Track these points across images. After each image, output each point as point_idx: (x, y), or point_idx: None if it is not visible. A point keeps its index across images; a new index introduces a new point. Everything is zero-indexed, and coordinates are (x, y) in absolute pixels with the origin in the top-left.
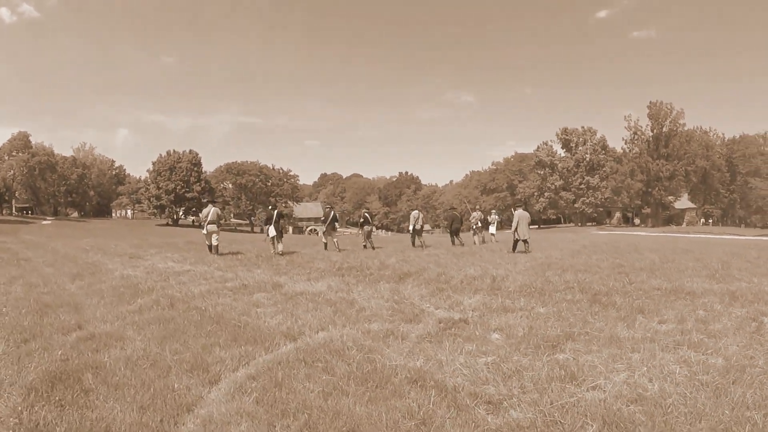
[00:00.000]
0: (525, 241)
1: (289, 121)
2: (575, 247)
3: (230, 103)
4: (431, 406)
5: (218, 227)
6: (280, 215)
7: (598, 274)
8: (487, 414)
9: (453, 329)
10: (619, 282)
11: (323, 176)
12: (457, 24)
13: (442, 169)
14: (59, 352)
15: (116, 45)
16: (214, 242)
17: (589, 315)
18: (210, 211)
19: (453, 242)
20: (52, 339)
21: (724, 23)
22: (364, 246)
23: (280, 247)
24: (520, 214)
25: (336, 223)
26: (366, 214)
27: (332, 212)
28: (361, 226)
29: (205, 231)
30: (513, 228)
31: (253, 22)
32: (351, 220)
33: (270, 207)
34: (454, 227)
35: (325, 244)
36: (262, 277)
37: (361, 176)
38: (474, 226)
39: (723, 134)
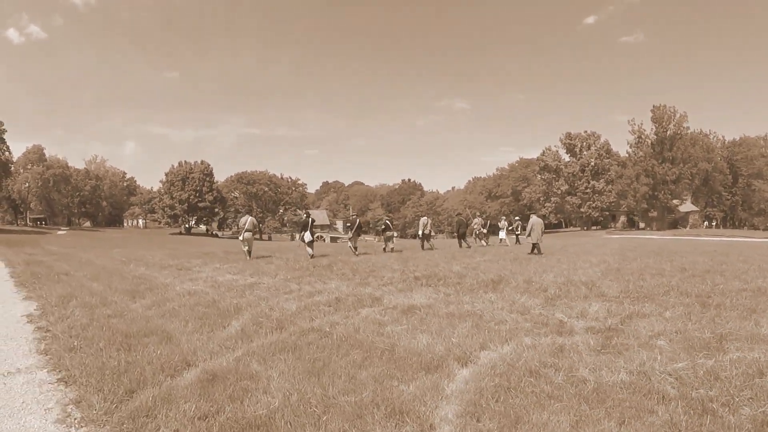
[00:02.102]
0: (536, 245)
1: (288, 131)
2: (612, 251)
3: (232, 115)
4: (684, 416)
5: (253, 235)
6: (314, 221)
7: (675, 277)
8: (729, 414)
9: (614, 339)
10: (704, 285)
11: (325, 184)
12: (448, 33)
13: (440, 175)
14: (191, 407)
15: (121, 62)
16: (245, 248)
17: (715, 316)
18: (247, 220)
19: (460, 245)
20: (164, 385)
21: (713, 24)
22: (384, 249)
23: (309, 250)
24: (534, 221)
25: (360, 230)
26: (387, 221)
27: (357, 220)
28: (383, 231)
29: (242, 238)
30: (527, 233)
31: (252, 37)
32: (346, 227)
33: (305, 215)
34: (461, 231)
35: (354, 248)
36: (346, 288)
37: (363, 184)
38: (476, 231)
39: (723, 137)
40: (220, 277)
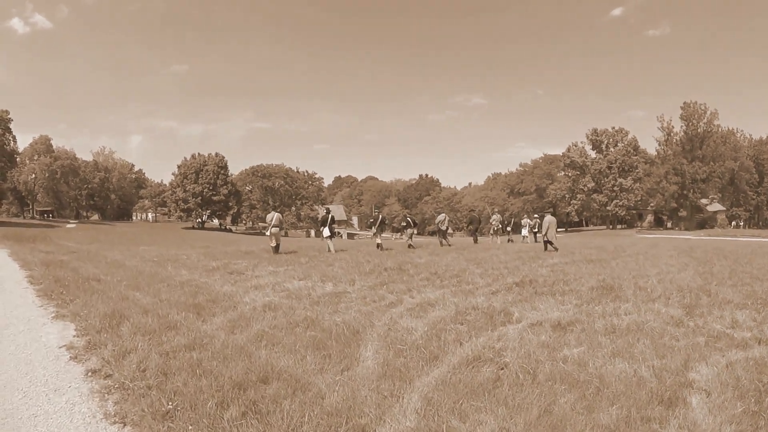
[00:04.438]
0: (551, 242)
1: (298, 126)
2: (673, 252)
3: (241, 109)
4: None
5: (280, 230)
6: (334, 217)
7: None
8: None
9: None
10: None
11: (338, 179)
12: (466, 26)
13: (456, 171)
14: None
15: (128, 54)
16: (273, 243)
17: None
18: (273, 216)
19: (475, 241)
20: None
21: (742, 16)
22: (409, 246)
23: (331, 246)
24: (549, 220)
25: (384, 226)
26: (409, 218)
27: (380, 216)
28: (404, 229)
29: (269, 233)
30: (543, 232)
31: (262, 30)
32: (369, 222)
33: (325, 210)
34: (474, 227)
35: (378, 245)
36: (453, 298)
37: (377, 179)
38: (494, 228)
39: (750, 135)
40: (286, 283)
